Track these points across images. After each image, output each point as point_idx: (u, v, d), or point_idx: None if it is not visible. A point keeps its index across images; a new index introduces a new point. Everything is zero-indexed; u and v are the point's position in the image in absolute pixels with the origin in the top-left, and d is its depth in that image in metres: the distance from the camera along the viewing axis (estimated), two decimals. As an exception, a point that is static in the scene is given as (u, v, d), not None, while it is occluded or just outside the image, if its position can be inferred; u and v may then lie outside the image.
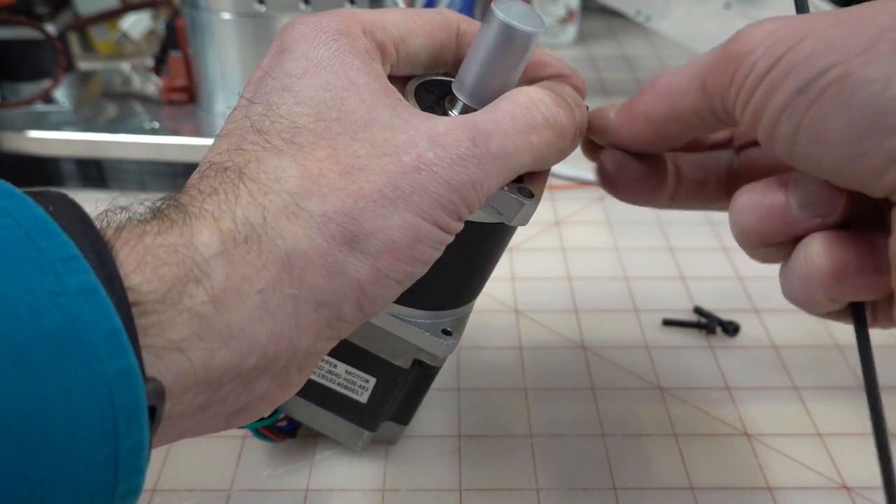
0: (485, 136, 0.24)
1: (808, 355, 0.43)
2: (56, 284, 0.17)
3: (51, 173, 0.58)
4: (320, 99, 0.23)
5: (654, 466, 0.36)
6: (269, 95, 0.24)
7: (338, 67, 0.24)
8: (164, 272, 0.19)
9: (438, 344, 0.31)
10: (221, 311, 0.20)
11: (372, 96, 0.24)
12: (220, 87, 0.58)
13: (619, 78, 0.80)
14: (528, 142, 0.25)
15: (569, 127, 0.26)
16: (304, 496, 0.35)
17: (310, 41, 0.25)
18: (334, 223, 0.22)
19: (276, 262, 0.21)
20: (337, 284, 0.22)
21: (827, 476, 0.35)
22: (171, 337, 0.19)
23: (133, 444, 0.18)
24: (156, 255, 0.20)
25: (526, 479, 0.35)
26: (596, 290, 0.48)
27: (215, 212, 0.21)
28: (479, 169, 0.23)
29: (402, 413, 0.35)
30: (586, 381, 0.41)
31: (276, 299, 0.21)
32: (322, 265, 0.22)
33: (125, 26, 0.68)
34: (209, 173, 0.23)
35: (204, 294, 0.20)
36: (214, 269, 0.20)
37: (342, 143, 0.23)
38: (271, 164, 0.22)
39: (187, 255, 0.20)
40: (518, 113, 0.25)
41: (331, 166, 0.22)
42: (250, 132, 0.23)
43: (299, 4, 0.54)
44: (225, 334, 0.20)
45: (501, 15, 0.25)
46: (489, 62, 0.26)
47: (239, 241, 0.21)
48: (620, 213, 0.56)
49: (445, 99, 0.28)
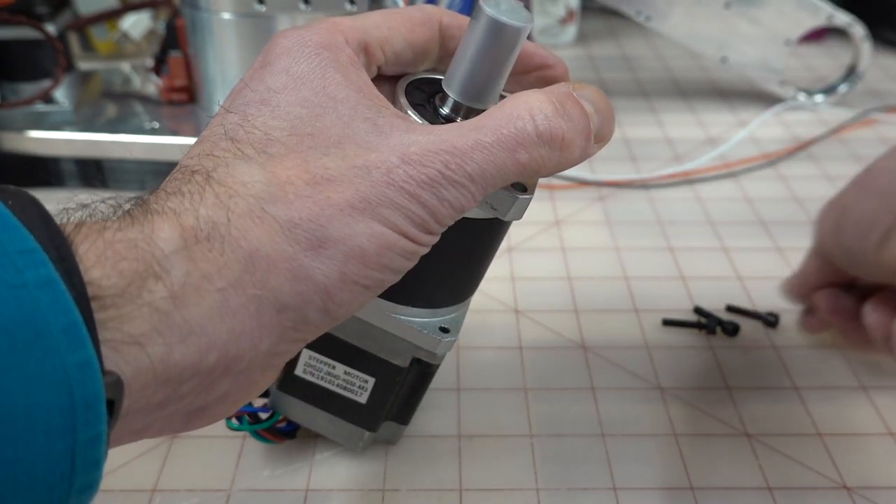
0: (460, 158, 0.23)
1: (808, 355, 0.43)
2: (15, 277, 0.17)
3: (51, 173, 0.58)
4: (296, 114, 0.23)
5: (654, 466, 0.36)
6: (246, 107, 0.24)
7: (317, 83, 0.24)
8: (123, 267, 0.19)
9: (437, 342, 0.31)
10: (181, 307, 0.20)
11: (350, 111, 0.24)
12: (220, 87, 0.58)
13: (619, 78, 0.80)
14: (513, 160, 0.24)
15: (575, 139, 0.25)
16: (304, 496, 0.35)
17: (292, 56, 0.25)
18: (300, 228, 0.22)
19: (238, 262, 0.21)
20: (302, 288, 0.22)
21: (827, 476, 0.35)
22: (130, 331, 0.19)
23: (91, 437, 0.18)
24: (115, 250, 0.20)
25: (526, 479, 0.35)
26: (596, 290, 0.48)
27: (178, 209, 0.21)
28: (450, 190, 0.23)
29: (402, 413, 0.35)
30: (586, 381, 0.41)
31: (237, 299, 0.21)
32: (286, 269, 0.22)
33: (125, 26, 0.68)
34: (178, 176, 0.23)
35: (163, 289, 0.20)
36: (174, 265, 0.20)
37: (312, 156, 0.23)
38: (240, 170, 0.22)
39: (147, 250, 0.20)
40: (505, 127, 0.24)
41: (299, 174, 0.22)
42: (223, 139, 0.23)
43: (299, 4, 0.54)
44: (184, 330, 0.20)
45: (489, 10, 0.25)
46: (478, 58, 0.26)
47: (200, 238, 0.21)
48: (620, 213, 0.56)
49: (436, 96, 0.28)
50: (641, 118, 0.71)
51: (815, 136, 0.66)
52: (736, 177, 0.61)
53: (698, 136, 0.67)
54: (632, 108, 0.73)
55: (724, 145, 0.64)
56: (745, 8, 0.68)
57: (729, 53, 0.70)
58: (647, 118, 0.71)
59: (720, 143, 0.65)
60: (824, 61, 0.83)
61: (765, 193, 0.59)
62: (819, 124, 0.69)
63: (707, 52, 0.70)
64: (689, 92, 0.76)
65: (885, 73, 0.80)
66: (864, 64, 0.71)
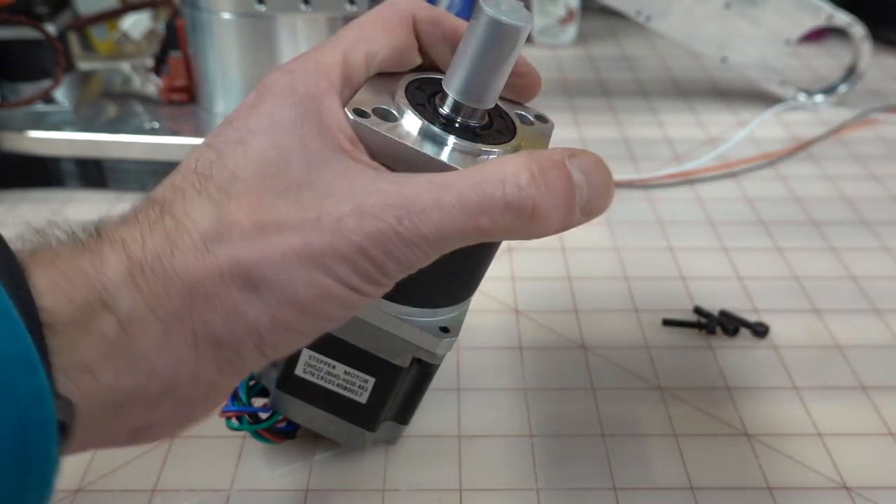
0: (417, 216, 0.22)
1: (808, 355, 0.43)
2: None
3: (51, 173, 0.58)
4: (266, 156, 0.24)
5: (654, 466, 0.36)
6: (224, 144, 0.24)
7: (294, 132, 0.24)
8: (74, 295, 0.20)
9: (437, 342, 0.31)
10: (127, 336, 0.21)
11: (320, 162, 0.23)
12: (220, 87, 0.58)
13: (619, 78, 0.80)
14: (474, 225, 0.23)
15: (550, 212, 0.23)
16: (304, 496, 0.35)
17: (278, 102, 0.25)
18: (238, 268, 0.22)
19: (178, 295, 0.22)
20: (235, 326, 0.22)
21: (827, 476, 0.35)
22: (82, 357, 0.20)
23: (43, 459, 0.19)
24: (67, 279, 0.20)
25: (526, 479, 0.35)
26: (596, 290, 0.48)
27: (127, 239, 0.22)
28: (401, 248, 0.23)
29: (402, 413, 0.35)
30: (586, 381, 0.41)
31: (177, 331, 0.22)
32: (221, 306, 0.22)
33: (125, 26, 0.68)
34: (140, 204, 0.23)
35: (111, 319, 0.21)
36: (122, 295, 0.21)
37: (268, 199, 0.23)
38: (194, 206, 0.23)
39: (96, 278, 0.21)
40: (472, 190, 0.23)
41: (249, 216, 0.22)
42: (192, 174, 0.24)
43: (299, 5, 0.54)
44: (130, 358, 0.21)
45: (489, 10, 0.25)
46: (478, 58, 0.26)
47: (146, 269, 0.21)
48: (620, 213, 0.56)
49: (436, 96, 0.28)
50: (641, 118, 0.71)
51: (815, 136, 0.66)
52: (736, 177, 0.61)
53: (698, 136, 0.67)
54: (632, 108, 0.73)
55: (724, 145, 0.64)
56: (745, 8, 0.68)
57: (729, 53, 0.70)
58: (647, 118, 0.71)
59: (720, 143, 0.65)
60: (824, 61, 0.83)
61: (765, 193, 0.59)
62: (819, 124, 0.69)
63: (707, 52, 0.70)
64: (689, 92, 0.76)
65: (885, 73, 0.80)
66: (864, 64, 0.71)
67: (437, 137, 0.26)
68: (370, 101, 0.27)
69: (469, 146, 0.26)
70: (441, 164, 0.25)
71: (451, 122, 0.27)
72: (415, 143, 0.26)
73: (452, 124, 0.27)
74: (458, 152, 0.26)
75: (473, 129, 0.27)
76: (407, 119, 0.26)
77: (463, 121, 0.27)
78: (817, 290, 0.48)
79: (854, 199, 0.58)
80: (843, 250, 0.52)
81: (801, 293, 0.47)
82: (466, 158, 0.26)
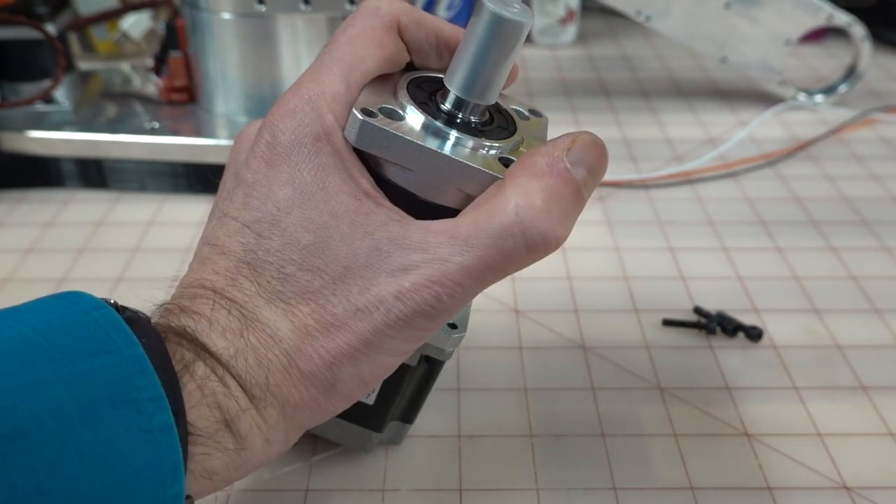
0: (451, 288, 0.25)
1: (808, 355, 0.43)
2: (146, 423, 0.22)
3: (51, 173, 0.58)
4: (305, 243, 0.26)
5: (654, 466, 0.36)
6: (258, 224, 0.27)
7: (322, 201, 0.26)
8: (210, 414, 0.24)
9: (445, 338, 0.31)
10: (240, 451, 0.25)
11: (350, 228, 0.26)
12: (220, 87, 0.58)
13: (619, 78, 0.80)
14: (503, 275, 0.26)
15: (565, 233, 0.26)
16: (304, 496, 0.35)
17: (293, 160, 0.27)
18: (318, 378, 0.26)
19: (275, 409, 0.26)
20: (318, 417, 0.27)
21: (827, 476, 0.35)
22: (208, 467, 0.24)
23: None
24: (207, 400, 0.24)
25: (526, 479, 0.35)
26: (596, 290, 0.48)
27: (241, 371, 0.25)
28: (443, 316, 0.26)
29: (408, 412, 0.35)
30: (586, 381, 0.41)
31: (276, 435, 0.26)
32: (307, 408, 0.27)
33: (125, 26, 0.68)
34: (219, 302, 0.26)
35: (232, 440, 0.25)
36: (242, 421, 0.25)
37: (323, 299, 0.26)
38: (266, 317, 0.26)
39: (226, 405, 0.25)
40: (492, 250, 0.25)
41: (314, 324, 0.26)
42: (244, 266, 0.27)
43: (299, 4, 0.54)
44: (241, 465, 0.25)
45: (492, 6, 0.25)
46: (479, 53, 0.26)
47: (253, 395, 0.25)
48: (620, 213, 0.56)
49: (437, 93, 0.28)
50: (641, 118, 0.71)
51: (815, 136, 0.66)
52: (736, 177, 0.61)
53: (698, 136, 0.67)
54: (632, 108, 0.73)
55: (724, 145, 0.64)
56: (745, 8, 0.68)
57: (729, 53, 0.70)
58: (647, 118, 0.71)
59: (720, 143, 0.65)
60: (824, 61, 0.83)
61: (765, 193, 0.59)
62: (819, 124, 0.69)
63: (707, 52, 0.70)
64: (689, 92, 0.76)
65: (885, 73, 0.80)
66: (864, 64, 0.71)
67: (443, 134, 0.27)
68: (375, 102, 0.27)
69: (476, 142, 0.27)
70: (451, 161, 0.26)
71: (454, 118, 0.27)
72: (422, 140, 0.26)
73: (455, 121, 0.27)
74: (466, 148, 0.27)
75: (476, 125, 0.28)
76: (412, 117, 0.27)
77: (465, 117, 0.27)
78: (817, 290, 0.48)
79: (854, 199, 0.58)
80: (843, 250, 0.52)
81: (801, 293, 0.47)
82: (475, 154, 0.27)
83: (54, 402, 0.21)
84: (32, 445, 0.20)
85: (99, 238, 0.53)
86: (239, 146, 0.31)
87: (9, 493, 0.20)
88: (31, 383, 0.21)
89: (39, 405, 0.21)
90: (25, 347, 0.22)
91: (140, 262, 0.51)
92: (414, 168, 0.26)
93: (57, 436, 0.21)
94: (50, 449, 0.20)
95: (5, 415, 0.20)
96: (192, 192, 0.57)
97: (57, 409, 0.21)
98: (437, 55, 0.30)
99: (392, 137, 0.26)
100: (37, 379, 0.21)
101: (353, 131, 0.26)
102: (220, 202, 0.29)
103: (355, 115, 0.26)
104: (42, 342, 0.22)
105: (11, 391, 0.21)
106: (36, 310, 0.23)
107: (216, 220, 0.28)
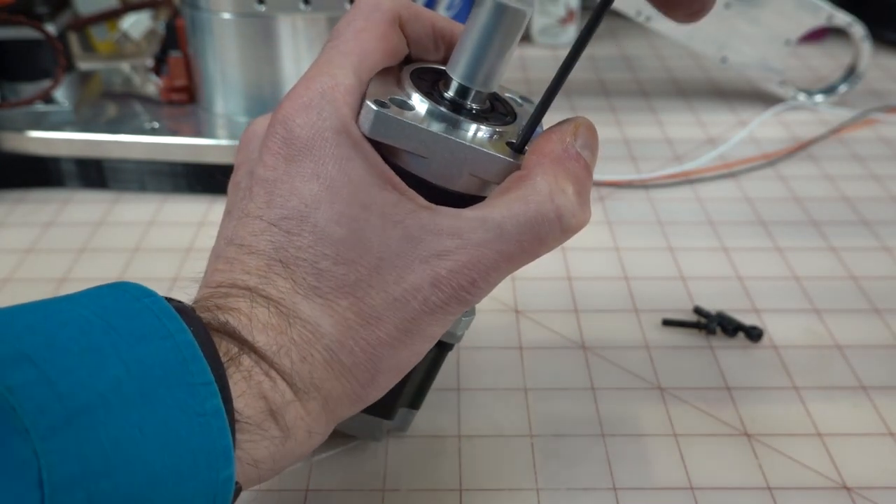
0: (485, 273, 0.26)
1: (808, 355, 0.43)
2: (199, 406, 0.22)
3: (51, 173, 0.58)
4: (337, 237, 0.26)
5: (654, 466, 0.36)
6: (286, 222, 0.27)
7: (347, 191, 0.26)
8: (256, 404, 0.25)
9: (457, 322, 0.31)
10: (286, 442, 0.25)
11: (381, 218, 0.26)
12: (220, 87, 0.58)
13: (619, 78, 0.80)
14: (531, 259, 0.27)
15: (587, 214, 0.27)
16: (304, 496, 0.35)
17: (315, 155, 0.27)
18: (359, 370, 0.27)
19: (318, 402, 0.26)
20: (355, 408, 0.28)
21: (827, 476, 0.35)
22: (254, 455, 0.25)
23: None
24: (253, 391, 0.25)
25: (526, 479, 0.35)
26: (596, 290, 0.48)
27: (286, 367, 0.26)
28: (476, 297, 0.27)
29: (415, 398, 0.35)
30: (586, 381, 0.41)
31: (317, 428, 0.27)
32: (349, 400, 0.27)
33: (125, 26, 0.68)
34: (256, 300, 0.26)
35: (277, 430, 0.25)
36: (287, 412, 0.25)
37: (360, 292, 0.26)
38: (306, 313, 0.26)
39: (271, 396, 0.25)
40: (527, 235, 0.26)
41: (354, 317, 0.26)
42: (276, 264, 0.27)
43: (299, 4, 0.54)
44: (286, 455, 0.26)
45: None
46: (482, 41, 0.27)
47: (297, 388, 0.26)
48: (620, 213, 0.56)
49: (440, 82, 0.29)
50: (641, 118, 0.71)
51: (815, 136, 0.66)
52: (736, 177, 0.61)
53: (698, 136, 0.67)
54: (632, 108, 0.73)
55: (724, 145, 0.64)
56: (745, 8, 0.68)
57: (729, 53, 0.70)
58: (647, 118, 0.71)
59: (720, 143, 0.65)
60: (824, 61, 0.83)
61: (765, 193, 0.59)
62: (819, 124, 0.69)
63: (707, 52, 0.70)
64: (689, 92, 0.76)
65: (885, 73, 0.80)
66: (864, 64, 0.71)
67: (453, 121, 0.27)
68: (384, 93, 0.28)
69: (485, 128, 0.28)
70: (465, 147, 0.27)
71: (459, 106, 0.28)
72: (433, 127, 0.27)
73: (461, 109, 0.28)
74: (478, 134, 0.28)
75: (480, 112, 0.29)
76: (420, 106, 0.28)
77: (469, 105, 0.28)
78: (817, 290, 0.48)
79: (854, 199, 0.58)
80: (843, 250, 0.52)
81: (801, 293, 0.47)
82: (486, 140, 0.28)
83: (116, 381, 0.21)
84: (99, 421, 0.21)
85: (99, 238, 0.53)
86: (247, 144, 0.31)
87: (82, 464, 0.20)
88: (95, 362, 0.22)
89: (103, 383, 0.21)
90: (88, 329, 0.22)
91: (140, 262, 0.51)
92: (428, 155, 0.27)
93: (120, 413, 0.21)
94: (115, 425, 0.21)
95: (75, 390, 0.21)
96: (192, 192, 0.57)
97: (118, 387, 0.21)
98: (434, 47, 0.31)
99: (407, 126, 0.27)
100: (99, 358, 0.22)
101: (367, 122, 0.27)
102: (237, 202, 0.29)
103: (369, 105, 0.26)
104: (102, 324, 0.22)
105: (78, 368, 0.21)
106: (92, 296, 0.24)
107: (237, 221, 0.28)
